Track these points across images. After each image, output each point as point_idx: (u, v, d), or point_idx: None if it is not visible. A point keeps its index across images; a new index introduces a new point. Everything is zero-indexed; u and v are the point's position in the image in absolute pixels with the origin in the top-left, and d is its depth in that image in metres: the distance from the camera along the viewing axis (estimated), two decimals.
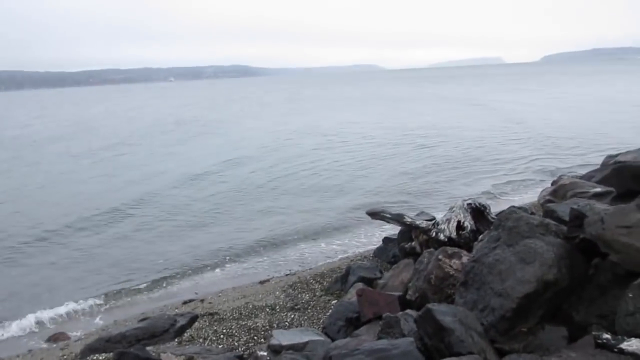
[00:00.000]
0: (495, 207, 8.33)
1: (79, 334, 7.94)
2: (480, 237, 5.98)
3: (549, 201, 7.56)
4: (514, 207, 6.76)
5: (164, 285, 9.70)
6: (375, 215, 7.75)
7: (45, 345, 7.61)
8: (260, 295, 7.89)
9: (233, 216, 13.68)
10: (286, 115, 43.14)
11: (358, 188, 15.68)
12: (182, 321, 6.57)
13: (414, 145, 22.83)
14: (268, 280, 9.04)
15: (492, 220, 6.74)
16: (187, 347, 5.67)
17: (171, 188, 17.11)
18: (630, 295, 3.09)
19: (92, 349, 6.09)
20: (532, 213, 6.69)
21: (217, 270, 10.22)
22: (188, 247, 11.44)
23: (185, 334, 6.26)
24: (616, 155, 10.31)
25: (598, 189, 6.77)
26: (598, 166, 9.94)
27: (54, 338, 7.80)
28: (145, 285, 9.67)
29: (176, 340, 6.09)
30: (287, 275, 9.21)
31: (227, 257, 10.69)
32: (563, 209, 5.35)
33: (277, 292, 7.78)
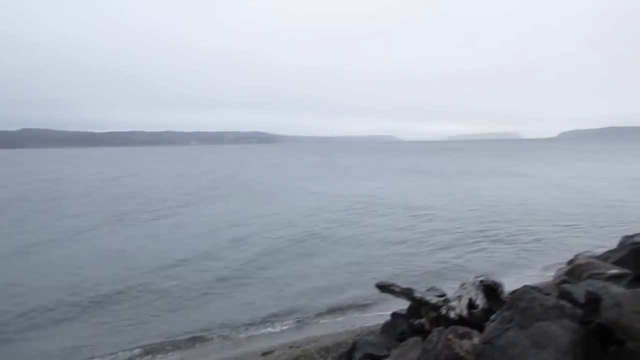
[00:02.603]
0: (509, 286, 8.06)
1: None
2: (493, 316, 5.74)
3: (565, 281, 7.31)
4: (527, 286, 6.54)
5: (161, 353, 9.34)
6: (384, 288, 7.54)
7: None
8: None
9: (238, 285, 13.35)
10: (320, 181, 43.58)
11: (370, 258, 15.42)
12: None
13: (419, 219, 22.66)
14: (271, 352, 8.71)
15: (505, 299, 6.51)
16: None
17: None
18: None
19: None
20: (547, 293, 6.46)
21: (217, 340, 9.87)
22: (189, 317, 11.13)
23: None
24: (633, 236, 10.06)
25: (615, 271, 6.55)
26: (615, 246, 9.68)
27: None
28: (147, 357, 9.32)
29: None
30: (290, 347, 8.86)
31: (229, 327, 10.35)
32: (579, 290, 5.15)
33: None
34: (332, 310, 11.06)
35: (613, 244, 11.31)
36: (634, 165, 55.97)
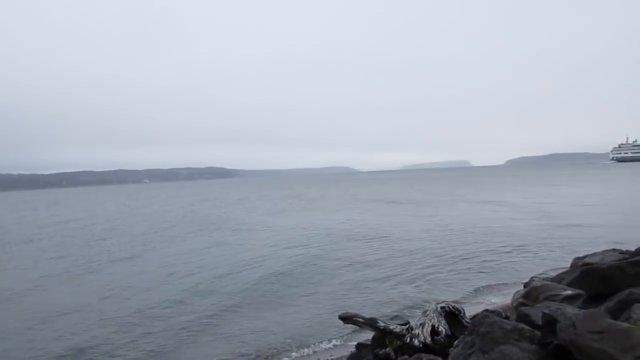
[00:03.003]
0: (469, 310, 8.20)
1: None
2: (456, 342, 5.82)
3: (522, 304, 7.53)
4: (487, 310, 6.68)
5: None
6: (347, 319, 7.53)
7: None
8: None
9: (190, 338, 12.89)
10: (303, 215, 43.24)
11: (328, 292, 15.32)
12: None
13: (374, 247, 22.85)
14: None
15: (467, 324, 6.61)
16: None
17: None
18: None
19: None
20: (507, 316, 6.62)
21: None
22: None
23: None
24: (584, 257, 10.51)
25: (569, 292, 6.80)
26: (567, 268, 10.04)
27: None
28: None
29: None
30: None
31: None
32: (536, 312, 5.32)
33: None
34: (297, 342, 10.89)
35: (566, 264, 11.77)
36: (576, 188, 58.57)
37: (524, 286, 8.97)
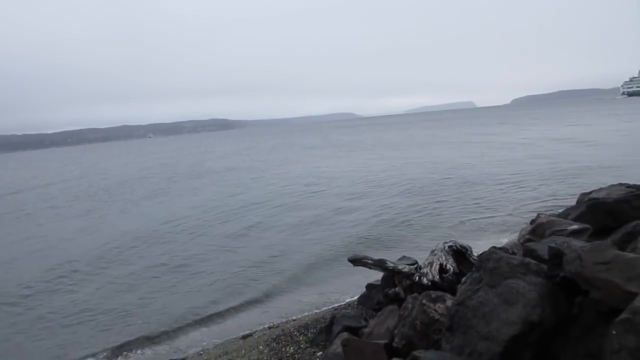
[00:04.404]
0: (477, 249, 8.33)
1: None
2: (463, 279, 5.94)
3: (529, 240, 7.61)
4: (494, 247, 6.77)
5: (139, 349, 9.22)
6: (357, 262, 7.68)
7: None
8: (243, 351, 7.63)
9: (207, 268, 13.40)
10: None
11: (340, 233, 15.60)
12: None
13: (391, 187, 22.99)
14: (251, 335, 8.75)
15: (474, 261, 6.72)
16: None
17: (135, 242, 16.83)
18: (614, 333, 3.05)
19: None
20: (513, 253, 6.72)
21: (196, 327, 9.83)
22: (162, 306, 11.08)
23: None
24: (590, 193, 10.53)
25: (575, 226, 6.85)
26: (574, 203, 10.09)
27: None
28: (119, 349, 9.19)
29: None
30: (270, 328, 8.95)
31: (206, 313, 10.34)
32: (542, 247, 5.38)
33: (261, 347, 7.55)
34: (309, 286, 11.19)
35: (572, 202, 11.82)
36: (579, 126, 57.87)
37: (531, 223, 9.04)
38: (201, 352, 8.48)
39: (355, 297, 9.10)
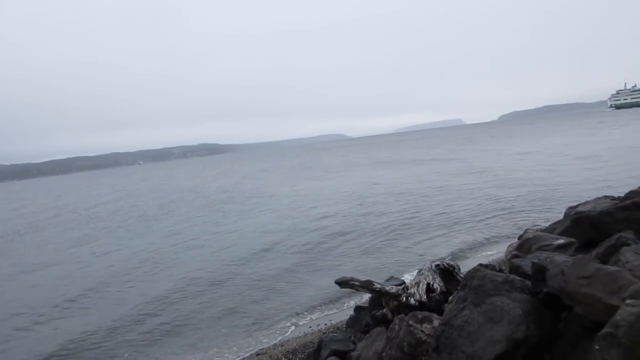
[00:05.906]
0: (465, 267, 8.27)
1: None
2: (450, 298, 5.87)
3: (515, 256, 7.58)
4: (480, 265, 6.72)
5: None
6: (344, 284, 7.59)
7: None
8: None
9: (195, 294, 13.19)
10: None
11: (327, 256, 15.47)
12: None
13: (367, 210, 22.95)
14: None
15: (461, 279, 6.67)
16: None
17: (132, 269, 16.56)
18: (597, 347, 3.00)
19: None
20: (500, 269, 6.66)
21: (181, 355, 9.60)
22: (151, 325, 10.89)
23: None
24: (576, 206, 10.54)
25: (561, 241, 6.82)
26: (561, 218, 10.09)
27: None
28: None
29: None
30: (258, 355, 8.74)
31: (192, 339, 10.11)
32: (527, 263, 5.35)
33: None
34: (297, 313, 10.98)
35: (560, 216, 11.83)
36: (568, 138, 58.45)
37: (518, 239, 9.03)
38: None
39: (344, 320, 8.96)
